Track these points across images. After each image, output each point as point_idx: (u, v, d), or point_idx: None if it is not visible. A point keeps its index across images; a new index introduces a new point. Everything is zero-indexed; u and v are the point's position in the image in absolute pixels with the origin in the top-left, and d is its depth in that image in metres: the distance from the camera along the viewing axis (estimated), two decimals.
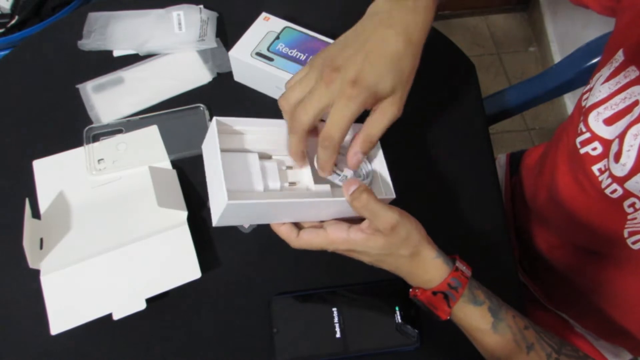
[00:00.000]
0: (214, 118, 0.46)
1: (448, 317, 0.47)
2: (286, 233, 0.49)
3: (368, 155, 0.52)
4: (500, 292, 0.49)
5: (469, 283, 0.47)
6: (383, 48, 0.44)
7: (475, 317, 0.46)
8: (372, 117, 0.46)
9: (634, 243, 0.52)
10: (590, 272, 0.62)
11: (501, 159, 0.88)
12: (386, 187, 0.52)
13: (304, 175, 0.50)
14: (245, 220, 0.49)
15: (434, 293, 0.46)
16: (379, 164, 0.53)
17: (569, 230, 0.63)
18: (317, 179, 0.50)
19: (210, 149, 0.46)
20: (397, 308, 0.55)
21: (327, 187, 0.50)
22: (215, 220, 0.45)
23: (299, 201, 0.45)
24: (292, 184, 0.49)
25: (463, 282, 0.46)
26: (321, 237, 0.47)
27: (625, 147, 0.48)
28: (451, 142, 0.68)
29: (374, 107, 0.46)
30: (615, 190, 0.51)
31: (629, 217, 0.51)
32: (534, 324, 0.48)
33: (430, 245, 0.47)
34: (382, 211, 0.44)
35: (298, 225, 0.49)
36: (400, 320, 0.55)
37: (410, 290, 0.49)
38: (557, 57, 1.68)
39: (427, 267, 0.47)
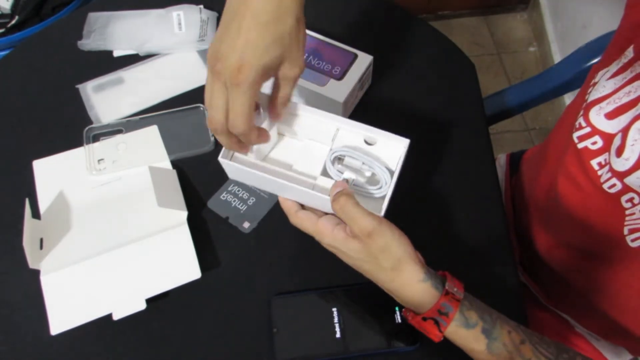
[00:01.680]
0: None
1: (440, 341, 0.46)
2: (287, 207, 0.50)
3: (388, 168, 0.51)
4: (500, 292, 0.49)
5: (460, 305, 0.45)
6: (255, 21, 0.42)
7: (468, 340, 0.45)
8: (278, 85, 0.46)
9: (633, 241, 0.52)
10: (590, 272, 0.62)
11: (501, 159, 0.88)
12: (379, 202, 0.49)
13: (315, 166, 0.51)
14: (249, 181, 0.54)
15: (424, 319, 0.45)
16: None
17: (567, 230, 0.63)
18: (325, 172, 0.51)
19: None
20: (396, 308, 0.55)
21: (330, 181, 0.49)
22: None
23: (279, 181, 0.47)
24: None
25: (454, 305, 0.45)
26: (311, 222, 0.48)
27: (629, 141, 0.47)
28: (451, 142, 0.68)
29: (275, 76, 0.46)
30: (613, 185, 0.50)
31: (627, 212, 0.51)
32: (531, 334, 0.47)
33: (417, 265, 0.45)
34: (359, 216, 0.43)
35: (303, 206, 0.50)
36: (399, 320, 0.55)
37: (403, 310, 0.49)
38: (557, 57, 1.68)
39: (413, 291, 0.45)
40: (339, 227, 0.47)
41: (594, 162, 0.53)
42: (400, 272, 0.45)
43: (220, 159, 0.49)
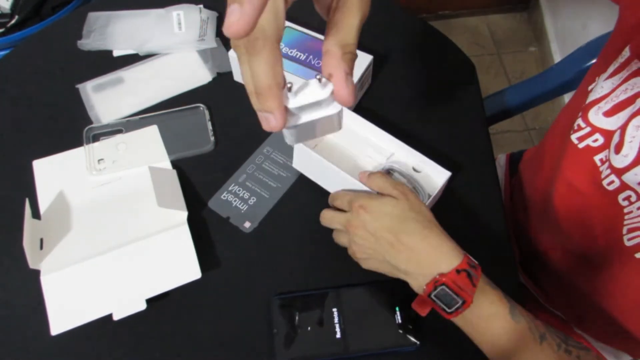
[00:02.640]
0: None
1: (471, 302, 0.46)
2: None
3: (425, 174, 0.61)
4: None
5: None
6: None
7: (494, 300, 0.46)
8: (339, 16, 0.34)
9: (629, 240, 0.52)
10: (589, 274, 0.62)
11: (501, 159, 0.88)
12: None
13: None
14: (312, 167, 0.61)
15: (458, 271, 0.46)
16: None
17: (565, 232, 0.63)
18: None
19: None
20: (397, 308, 0.55)
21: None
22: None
23: (339, 172, 0.56)
24: None
25: (476, 264, 0.47)
26: (350, 191, 0.54)
27: (627, 138, 0.48)
28: (451, 142, 0.68)
29: (333, 6, 0.34)
30: (612, 182, 0.51)
31: (626, 210, 0.51)
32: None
33: (441, 228, 0.49)
34: (395, 182, 0.51)
35: None
36: (400, 321, 0.55)
37: (426, 285, 0.47)
38: (557, 57, 1.68)
39: (442, 243, 0.48)
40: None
41: (597, 158, 0.53)
42: (431, 230, 0.48)
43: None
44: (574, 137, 0.55)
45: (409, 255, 0.48)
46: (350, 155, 0.64)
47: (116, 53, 0.73)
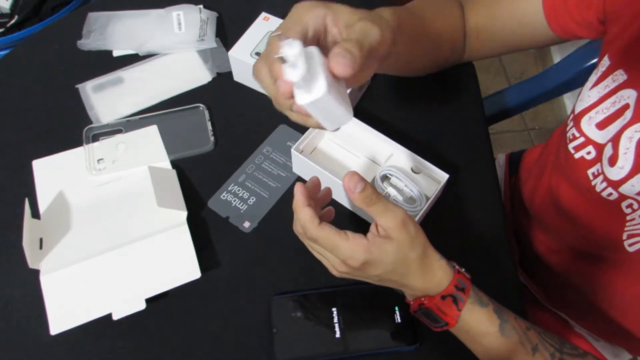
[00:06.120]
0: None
1: (455, 324, 0.46)
2: (308, 216, 0.45)
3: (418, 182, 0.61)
4: (500, 292, 0.49)
5: (472, 284, 0.46)
6: None
7: (482, 319, 0.46)
8: (356, 27, 0.40)
9: (630, 245, 0.52)
10: (589, 275, 0.62)
11: (500, 159, 0.88)
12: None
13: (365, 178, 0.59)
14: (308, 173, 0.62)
15: (443, 297, 0.45)
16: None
17: (567, 233, 0.63)
18: (372, 185, 0.57)
19: None
20: (396, 308, 0.55)
21: None
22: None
23: (330, 175, 0.58)
24: None
25: (467, 283, 0.46)
26: (342, 238, 0.44)
27: (621, 150, 0.48)
28: (451, 142, 0.68)
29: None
30: (610, 194, 0.51)
31: (628, 217, 0.51)
32: (533, 325, 0.47)
33: (432, 247, 0.46)
34: (391, 207, 0.44)
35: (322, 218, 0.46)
36: (399, 320, 0.55)
37: (413, 302, 0.48)
38: (557, 57, 1.68)
39: (434, 270, 0.46)
40: (369, 235, 0.45)
41: (589, 172, 0.53)
42: (426, 257, 0.45)
43: (292, 150, 0.60)
44: (570, 147, 0.56)
45: (407, 285, 0.47)
46: (348, 158, 0.64)
47: (116, 53, 0.73)
